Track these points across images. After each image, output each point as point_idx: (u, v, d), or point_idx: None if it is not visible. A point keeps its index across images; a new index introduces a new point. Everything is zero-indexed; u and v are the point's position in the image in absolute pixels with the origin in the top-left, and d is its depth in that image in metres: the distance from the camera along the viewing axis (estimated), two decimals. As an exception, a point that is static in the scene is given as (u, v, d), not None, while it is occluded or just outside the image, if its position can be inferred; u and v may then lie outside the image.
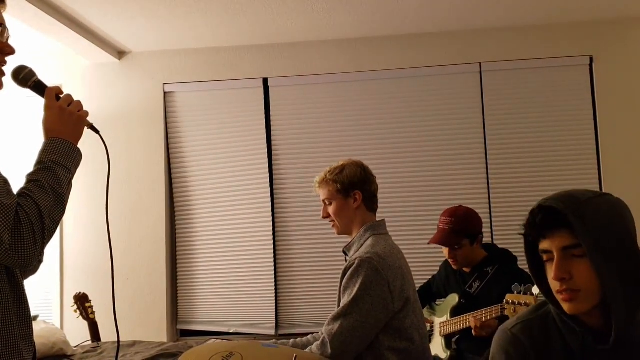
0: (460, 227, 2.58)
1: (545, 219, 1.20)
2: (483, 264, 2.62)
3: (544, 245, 1.22)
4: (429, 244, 2.68)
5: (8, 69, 1.34)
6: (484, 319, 2.38)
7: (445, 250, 2.65)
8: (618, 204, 1.22)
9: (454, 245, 2.58)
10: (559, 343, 1.26)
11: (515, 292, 2.24)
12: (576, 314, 1.21)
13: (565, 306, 1.20)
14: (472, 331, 2.42)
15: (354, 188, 2.06)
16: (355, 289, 1.87)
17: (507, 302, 2.26)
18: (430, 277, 3.00)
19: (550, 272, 1.20)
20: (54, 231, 1.25)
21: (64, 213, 1.29)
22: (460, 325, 2.54)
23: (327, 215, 2.11)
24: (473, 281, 2.62)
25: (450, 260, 2.65)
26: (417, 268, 3.29)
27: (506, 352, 1.27)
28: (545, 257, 1.24)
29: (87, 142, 1.42)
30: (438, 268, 2.95)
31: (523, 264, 2.52)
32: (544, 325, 1.28)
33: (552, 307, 1.29)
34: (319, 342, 1.90)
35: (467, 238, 2.58)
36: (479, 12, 3.44)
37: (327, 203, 2.11)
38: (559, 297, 1.21)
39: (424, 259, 3.53)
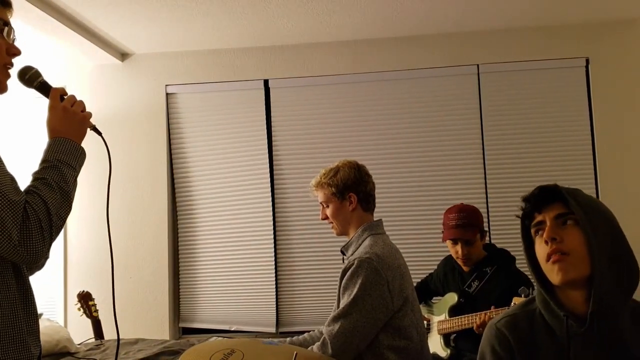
0: (472, 221, 2.60)
1: (541, 194, 1.33)
2: (482, 264, 2.64)
3: (538, 218, 1.32)
4: (443, 241, 2.68)
5: (13, 70, 1.36)
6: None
7: (454, 250, 2.65)
8: (603, 203, 1.33)
9: (471, 240, 2.59)
10: (544, 336, 1.30)
11: (523, 296, 2.26)
12: (567, 282, 1.25)
13: (555, 273, 1.25)
14: (475, 328, 2.40)
15: (348, 190, 2.06)
16: (355, 290, 1.88)
17: (515, 305, 2.27)
18: (427, 275, 3.01)
19: (541, 242, 1.29)
20: (61, 227, 1.27)
21: (70, 210, 1.30)
22: (466, 324, 2.52)
23: (325, 217, 2.13)
24: (472, 281, 2.64)
25: (462, 260, 2.64)
26: (415, 267, 3.33)
27: (491, 346, 1.34)
28: (537, 230, 1.32)
29: (91, 141, 1.43)
30: (435, 267, 2.96)
31: (521, 264, 2.58)
32: (530, 318, 1.34)
33: (537, 291, 1.34)
34: (319, 343, 1.91)
35: (479, 232, 2.62)
36: (477, 15, 3.47)
37: (325, 205, 2.12)
38: (548, 266, 1.27)
39: (422, 258, 3.55)
